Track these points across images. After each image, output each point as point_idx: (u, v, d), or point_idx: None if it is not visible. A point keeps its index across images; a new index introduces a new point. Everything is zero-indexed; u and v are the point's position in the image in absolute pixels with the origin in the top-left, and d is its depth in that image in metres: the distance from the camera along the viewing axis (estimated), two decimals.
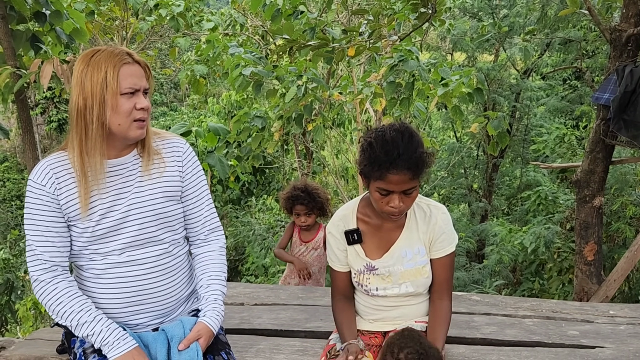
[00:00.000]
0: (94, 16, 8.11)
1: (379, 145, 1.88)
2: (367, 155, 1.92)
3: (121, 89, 1.84)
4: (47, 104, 18.99)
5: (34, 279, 1.93)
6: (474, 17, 12.36)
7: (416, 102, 6.34)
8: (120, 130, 1.88)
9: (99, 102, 1.82)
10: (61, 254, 1.94)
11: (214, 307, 2.04)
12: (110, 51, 1.86)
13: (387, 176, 1.86)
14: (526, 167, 12.15)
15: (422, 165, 1.89)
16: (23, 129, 4.08)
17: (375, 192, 1.94)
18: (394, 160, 1.85)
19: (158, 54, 13.07)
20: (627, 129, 4.14)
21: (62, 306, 1.90)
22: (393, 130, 1.90)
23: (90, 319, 1.89)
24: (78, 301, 1.91)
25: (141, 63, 1.91)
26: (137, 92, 1.88)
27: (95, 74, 1.82)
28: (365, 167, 1.93)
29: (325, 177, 12.14)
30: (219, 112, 12.85)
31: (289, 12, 6.62)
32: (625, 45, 4.34)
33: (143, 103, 1.88)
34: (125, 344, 1.87)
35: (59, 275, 1.93)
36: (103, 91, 1.82)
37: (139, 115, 1.88)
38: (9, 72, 3.86)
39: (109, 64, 1.83)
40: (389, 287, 2.14)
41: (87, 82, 1.83)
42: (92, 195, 1.90)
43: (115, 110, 1.84)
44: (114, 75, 1.82)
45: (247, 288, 3.24)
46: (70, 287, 1.93)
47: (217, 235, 2.19)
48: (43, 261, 1.91)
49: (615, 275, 4.47)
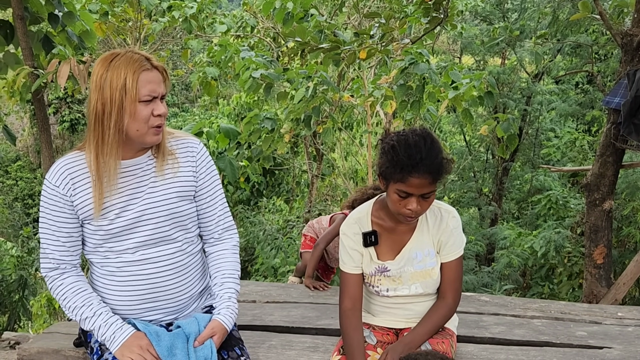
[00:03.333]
0: (108, 17, 8.20)
1: (402, 149, 1.92)
2: (389, 158, 1.95)
3: (140, 96, 1.85)
4: (59, 104, 19.15)
5: (44, 274, 2.01)
6: (485, 21, 12.37)
7: (428, 106, 6.37)
8: (138, 136, 1.91)
9: (117, 108, 1.84)
10: (71, 253, 1.99)
11: (228, 305, 2.07)
12: (129, 56, 1.87)
13: (408, 179, 1.90)
14: (537, 171, 12.12)
15: (442, 171, 1.94)
16: (40, 128, 4.14)
17: (394, 194, 1.97)
18: (416, 164, 1.89)
19: (170, 55, 13.16)
20: (638, 133, 4.15)
21: (67, 301, 1.97)
22: (416, 135, 1.95)
23: (91, 314, 1.94)
24: (81, 296, 1.97)
25: (159, 68, 1.92)
26: (155, 98, 1.90)
27: (114, 80, 1.83)
28: (387, 169, 1.96)
29: (335, 179, 12.18)
30: (229, 114, 12.92)
31: (300, 15, 6.67)
32: (637, 50, 4.35)
33: (161, 109, 1.90)
34: (122, 333, 1.91)
35: (67, 271, 2.00)
36: (122, 98, 1.84)
37: (157, 122, 1.91)
38: (26, 72, 3.93)
39: (128, 70, 1.84)
40: (399, 288, 2.17)
41: (107, 87, 1.84)
42: (106, 195, 1.93)
43: (134, 117, 1.86)
44: (133, 82, 1.84)
45: (259, 286, 3.28)
46: (76, 282, 1.98)
47: (231, 234, 2.22)
48: (52, 260, 1.98)
49: (625, 278, 4.48)
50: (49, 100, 18.68)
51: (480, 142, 12.61)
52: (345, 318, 2.13)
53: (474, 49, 12.08)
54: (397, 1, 8.61)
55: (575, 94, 13.23)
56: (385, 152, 1.98)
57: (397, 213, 2.02)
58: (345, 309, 2.14)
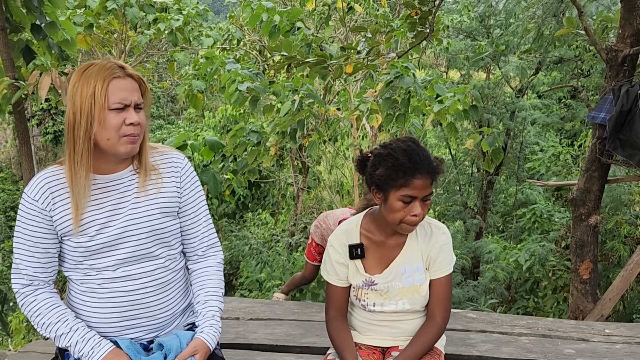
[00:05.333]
0: (93, 29, 8.14)
1: (401, 154, 1.94)
2: (388, 165, 1.95)
3: (109, 103, 1.80)
4: (43, 116, 19.00)
5: (16, 291, 1.93)
6: (469, 37, 12.49)
7: (412, 119, 6.38)
8: (109, 146, 1.85)
9: (86, 116, 1.79)
10: (46, 270, 1.93)
11: (211, 323, 2.02)
12: (102, 65, 1.83)
13: (412, 182, 1.92)
14: (521, 184, 12.18)
15: (438, 170, 1.98)
16: (20, 140, 4.07)
17: (397, 202, 1.96)
18: (418, 165, 1.92)
19: (156, 67, 13.12)
20: (623, 148, 4.17)
21: (41, 317, 1.90)
22: (403, 141, 2.00)
23: (67, 330, 1.88)
24: (56, 312, 1.91)
25: (134, 77, 1.88)
26: (127, 107, 1.84)
27: (85, 89, 1.79)
28: (387, 177, 1.95)
29: (321, 191, 12.16)
30: (215, 126, 12.88)
31: (286, 28, 6.67)
32: (622, 65, 4.38)
33: (133, 118, 1.84)
34: (99, 349, 1.86)
35: (40, 288, 1.93)
36: (91, 106, 1.79)
37: (128, 131, 1.84)
38: (7, 84, 3.86)
39: (98, 78, 1.80)
40: (386, 303, 2.14)
41: (78, 96, 1.80)
42: (87, 210, 1.88)
43: (103, 125, 1.81)
44: (103, 89, 1.79)
45: (243, 303, 3.23)
46: (50, 299, 1.92)
47: (215, 251, 2.17)
48: (25, 276, 1.91)
49: (611, 294, 4.48)
50: (32, 111, 18.53)
51: (465, 156, 12.67)
52: (331, 324, 2.16)
53: (459, 63, 12.18)
54: (383, 16, 8.66)
55: (559, 109, 13.36)
56: (381, 162, 1.98)
57: (400, 222, 2.00)
58: (330, 317, 2.17)
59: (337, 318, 2.17)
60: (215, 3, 24.77)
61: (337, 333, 2.13)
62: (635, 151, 4.10)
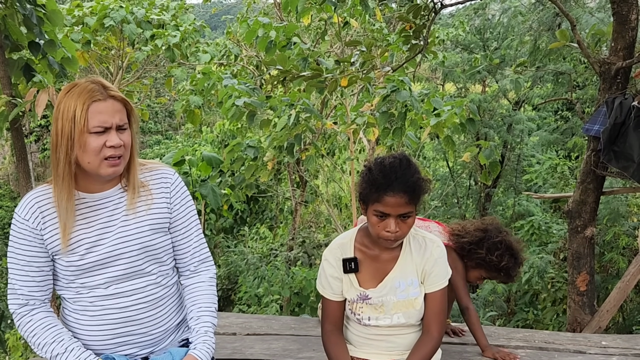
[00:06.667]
0: (91, 46, 8.19)
1: (378, 170, 1.97)
2: (366, 179, 2.00)
3: (89, 127, 1.80)
4: (41, 132, 19.03)
5: (12, 311, 1.93)
6: (466, 50, 12.57)
7: (408, 132, 6.41)
8: (91, 168, 1.85)
9: (67, 139, 1.79)
10: (41, 289, 1.94)
11: (204, 339, 2.02)
12: (84, 87, 1.82)
13: (384, 198, 1.93)
14: (519, 196, 12.21)
15: (418, 190, 1.96)
16: (17, 157, 4.08)
17: (372, 216, 1.98)
18: (391, 183, 1.92)
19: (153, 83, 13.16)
20: (617, 160, 4.19)
21: (37, 338, 1.90)
22: (392, 157, 2.01)
23: (62, 350, 1.88)
24: (51, 332, 1.90)
25: (117, 98, 1.86)
26: (108, 129, 1.83)
27: (66, 111, 1.79)
28: (364, 190, 2.00)
29: (319, 205, 12.16)
30: (212, 141, 12.91)
31: (282, 43, 6.71)
32: (615, 78, 4.41)
33: (113, 141, 1.83)
34: None
35: (36, 307, 1.93)
36: (71, 129, 1.79)
37: (109, 153, 1.84)
38: (4, 101, 3.89)
39: (79, 101, 1.79)
40: (381, 318, 2.14)
41: (60, 119, 1.80)
42: (76, 229, 1.89)
43: (84, 148, 1.81)
44: (83, 112, 1.78)
45: (240, 318, 3.22)
46: (46, 319, 1.92)
47: (207, 266, 2.17)
48: (21, 295, 1.91)
49: (608, 305, 4.47)
50: (30, 128, 18.56)
51: (463, 169, 12.70)
52: (327, 338, 2.17)
53: (455, 77, 12.25)
54: (379, 30, 8.72)
55: (555, 121, 13.41)
56: (362, 175, 2.04)
57: (377, 237, 2.01)
58: (326, 331, 2.18)
59: (333, 332, 2.17)
60: (212, 19, 24.91)
61: (333, 347, 2.14)
62: (629, 163, 4.12)
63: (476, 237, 2.70)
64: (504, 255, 2.65)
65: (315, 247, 9.85)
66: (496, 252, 2.64)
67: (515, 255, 2.68)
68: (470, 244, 2.71)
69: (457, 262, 2.73)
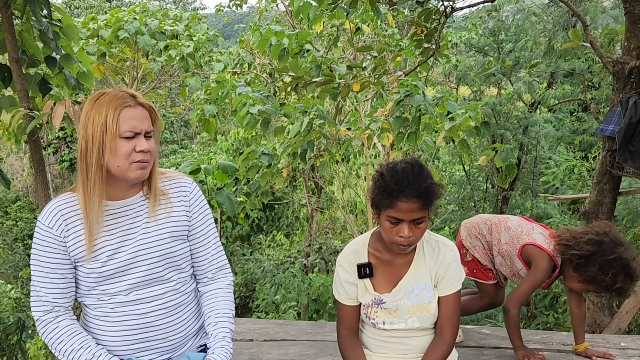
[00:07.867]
0: (106, 58, 8.30)
1: (390, 175, 1.96)
2: (378, 185, 1.99)
3: (120, 132, 1.85)
4: (59, 144, 19.27)
5: (37, 319, 1.96)
6: (480, 52, 12.52)
7: (424, 137, 6.40)
8: (120, 172, 1.89)
9: (98, 144, 1.84)
10: (64, 295, 1.96)
11: (222, 344, 2.04)
12: (114, 94, 1.89)
13: (397, 204, 1.92)
14: (536, 199, 12.11)
15: (431, 195, 1.95)
16: (35, 169, 4.14)
17: (385, 222, 1.99)
18: (404, 189, 1.92)
19: (168, 93, 13.28)
20: (633, 159, 4.15)
21: (64, 344, 1.93)
22: (404, 162, 2.00)
23: (90, 356, 1.91)
24: (78, 339, 1.93)
25: (145, 105, 1.92)
26: (137, 135, 1.89)
27: (97, 117, 1.84)
28: (377, 196, 2.00)
29: (334, 212, 12.15)
30: (228, 149, 12.98)
31: (295, 50, 6.75)
32: (628, 77, 4.38)
33: (143, 145, 1.89)
34: None
35: (61, 314, 1.96)
36: (102, 134, 1.84)
37: (138, 158, 1.89)
38: (21, 114, 3.95)
39: (110, 107, 1.85)
40: (396, 322, 2.15)
41: (90, 125, 1.85)
42: (99, 236, 1.92)
43: (114, 152, 1.86)
44: (114, 118, 1.84)
45: (257, 324, 3.24)
46: (72, 325, 1.95)
47: (225, 273, 2.20)
48: (46, 302, 1.94)
49: (628, 307, 4.42)
50: (48, 140, 18.81)
51: (479, 172, 12.64)
52: (343, 342, 2.17)
53: (469, 80, 12.21)
54: (391, 36, 8.73)
55: (571, 122, 13.30)
56: (375, 180, 2.03)
57: (390, 242, 2.02)
58: (342, 335, 2.19)
59: (349, 336, 2.18)
60: (225, 28, 25.07)
61: (350, 351, 2.15)
62: None
63: (588, 252, 2.43)
64: (618, 274, 2.36)
65: (332, 253, 9.84)
66: (610, 271, 2.36)
67: (632, 273, 2.37)
68: (580, 257, 2.44)
69: (542, 272, 2.49)
